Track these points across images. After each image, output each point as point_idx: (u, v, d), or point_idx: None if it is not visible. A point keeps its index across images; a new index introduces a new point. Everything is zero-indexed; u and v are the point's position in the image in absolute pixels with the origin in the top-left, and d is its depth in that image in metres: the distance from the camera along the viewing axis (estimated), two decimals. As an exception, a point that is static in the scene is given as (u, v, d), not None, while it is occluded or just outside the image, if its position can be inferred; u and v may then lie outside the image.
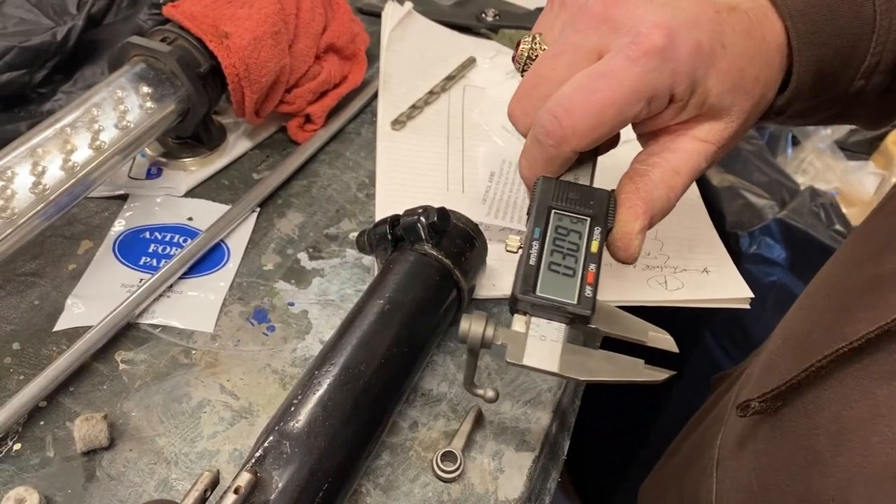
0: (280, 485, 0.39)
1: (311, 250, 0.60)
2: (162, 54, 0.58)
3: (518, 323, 0.40)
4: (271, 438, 0.41)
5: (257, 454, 0.40)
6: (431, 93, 0.75)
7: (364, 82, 0.74)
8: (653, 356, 0.40)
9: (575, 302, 0.38)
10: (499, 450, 0.49)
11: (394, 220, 0.53)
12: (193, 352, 0.52)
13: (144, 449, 0.46)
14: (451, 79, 0.77)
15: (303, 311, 0.55)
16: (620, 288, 0.60)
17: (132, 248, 0.57)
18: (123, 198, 0.61)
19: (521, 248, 0.41)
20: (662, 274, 0.61)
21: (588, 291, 0.39)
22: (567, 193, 0.42)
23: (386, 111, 0.72)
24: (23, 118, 0.65)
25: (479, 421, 0.51)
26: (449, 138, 0.72)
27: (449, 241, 0.52)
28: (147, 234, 0.58)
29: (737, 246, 1.37)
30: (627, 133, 0.46)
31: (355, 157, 0.69)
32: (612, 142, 0.47)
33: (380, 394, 0.45)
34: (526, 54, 0.46)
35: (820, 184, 1.62)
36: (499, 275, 0.60)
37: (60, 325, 0.52)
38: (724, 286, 0.61)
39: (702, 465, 0.58)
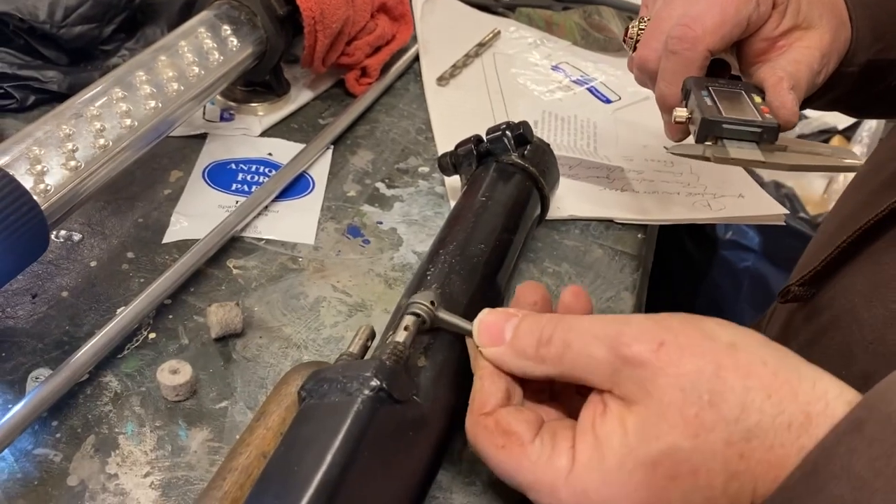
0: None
1: (387, 181, 0.63)
2: (245, -3, 0.61)
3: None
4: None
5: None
6: (468, 55, 0.80)
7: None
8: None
9: (760, 119, 0.45)
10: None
11: (477, 139, 0.58)
12: (300, 259, 0.54)
13: (273, 336, 0.49)
14: (482, 45, 0.83)
15: (391, 229, 0.59)
16: (671, 210, 0.65)
17: (221, 177, 0.60)
18: (202, 137, 0.64)
19: (688, 118, 0.47)
20: (704, 199, 0.67)
21: (768, 116, 0.46)
22: (716, 81, 0.49)
23: (429, 70, 0.77)
24: (90, 71, 0.67)
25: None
26: (490, 93, 0.77)
27: (531, 153, 0.57)
28: (233, 166, 0.61)
29: (714, 233, 1.46)
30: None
31: (408, 108, 0.73)
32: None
33: (495, 271, 0.49)
34: (636, 32, 0.53)
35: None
36: (559, 199, 0.64)
37: (168, 237, 0.54)
38: (759, 206, 0.68)
39: None
